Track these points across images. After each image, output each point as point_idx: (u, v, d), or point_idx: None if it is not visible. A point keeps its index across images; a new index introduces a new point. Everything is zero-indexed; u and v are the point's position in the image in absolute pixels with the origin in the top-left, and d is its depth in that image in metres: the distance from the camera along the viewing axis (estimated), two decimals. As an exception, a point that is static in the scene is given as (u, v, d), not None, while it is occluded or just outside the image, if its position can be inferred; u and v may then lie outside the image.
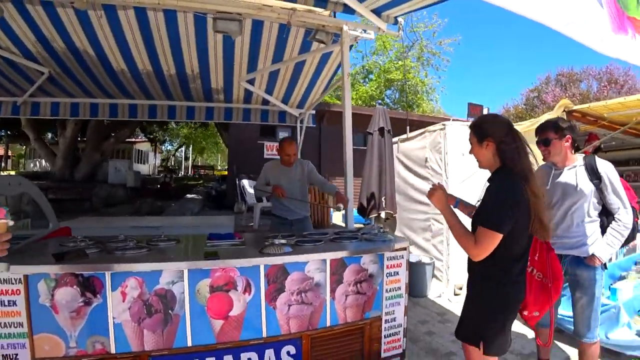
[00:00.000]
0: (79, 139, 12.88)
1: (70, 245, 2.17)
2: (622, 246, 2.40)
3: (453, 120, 7.53)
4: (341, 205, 3.13)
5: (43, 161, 19.66)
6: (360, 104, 15.05)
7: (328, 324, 2.22)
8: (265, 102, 5.44)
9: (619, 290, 2.83)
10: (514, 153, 1.61)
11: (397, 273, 2.49)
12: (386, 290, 2.44)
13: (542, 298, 1.94)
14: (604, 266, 2.26)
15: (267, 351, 2.08)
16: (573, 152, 2.32)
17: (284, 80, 4.68)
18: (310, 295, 2.15)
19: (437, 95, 18.91)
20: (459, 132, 3.96)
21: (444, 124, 4.00)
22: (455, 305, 3.76)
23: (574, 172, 2.24)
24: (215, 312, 1.93)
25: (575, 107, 3.58)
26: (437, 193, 1.84)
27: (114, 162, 14.94)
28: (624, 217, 2.13)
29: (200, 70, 4.27)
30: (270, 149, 11.16)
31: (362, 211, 4.65)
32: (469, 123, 2.26)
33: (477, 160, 1.77)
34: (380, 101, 17.28)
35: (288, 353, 2.13)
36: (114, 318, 1.80)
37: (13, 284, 1.72)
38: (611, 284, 3.02)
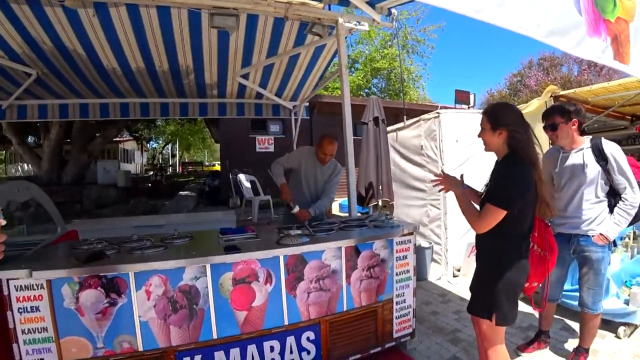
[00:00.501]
0: (64, 141, 12.44)
1: (85, 247, 2.14)
2: (631, 224, 2.40)
3: (441, 107, 7.65)
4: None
5: (26, 165, 19.01)
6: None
7: (345, 308, 2.28)
8: (259, 95, 5.38)
9: (609, 264, 2.97)
10: (525, 143, 1.70)
11: (406, 257, 2.56)
12: (396, 274, 2.51)
13: (540, 269, 2.04)
14: (613, 244, 2.33)
15: (288, 338, 2.12)
16: (580, 134, 2.35)
17: (278, 73, 4.65)
18: (327, 282, 2.19)
19: (424, 83, 19.04)
20: (453, 120, 4.03)
21: (438, 112, 4.06)
22: (455, 287, 3.88)
23: (581, 154, 2.28)
24: (238, 304, 1.96)
25: (561, 92, 3.70)
26: (449, 178, 1.95)
27: (103, 163, 14.54)
28: (631, 196, 2.16)
29: (194, 66, 4.19)
30: (262, 143, 11.07)
31: (361, 200, 4.70)
32: (468, 109, 2.32)
33: (486, 144, 1.84)
34: (367, 90, 17.31)
35: (308, 339, 2.19)
36: (139, 316, 1.81)
37: (35, 289, 1.70)
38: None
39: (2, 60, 3.59)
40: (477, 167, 4.14)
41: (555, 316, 2.79)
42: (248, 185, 7.03)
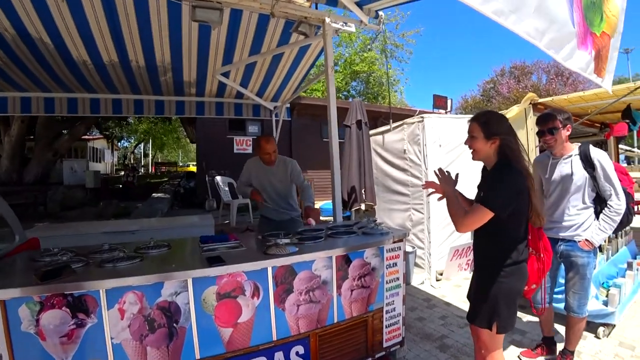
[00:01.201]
0: (27, 137, 11.54)
1: (48, 259, 1.89)
2: (618, 230, 2.48)
3: (420, 111, 7.69)
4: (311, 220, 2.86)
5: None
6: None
7: (335, 320, 2.15)
8: (239, 95, 5.18)
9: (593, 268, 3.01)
10: (518, 152, 1.71)
11: (396, 264, 2.47)
12: (387, 282, 2.41)
13: (537, 271, 2.02)
14: (598, 249, 2.37)
15: (276, 354, 1.96)
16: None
17: (260, 72, 4.47)
18: (317, 294, 2.05)
19: (402, 87, 19.23)
20: (436, 125, 4.01)
21: (422, 117, 4.02)
22: (439, 291, 3.84)
23: (570, 161, 2.29)
24: (223, 320, 1.78)
25: (540, 100, 3.76)
26: (445, 177, 1.97)
27: (70, 162, 13.50)
28: (616, 203, 2.17)
29: (172, 62, 3.94)
30: (240, 144, 10.70)
31: (343, 204, 4.59)
32: (446, 114, 2.29)
33: (475, 152, 1.81)
34: (345, 93, 17.28)
35: (297, 353, 2.03)
36: (112, 338, 1.59)
37: (-16, 311, 1.45)
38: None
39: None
40: (459, 171, 4.16)
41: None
42: (226, 188, 6.74)
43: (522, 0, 1.16)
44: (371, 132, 4.81)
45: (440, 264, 4.05)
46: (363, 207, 4.42)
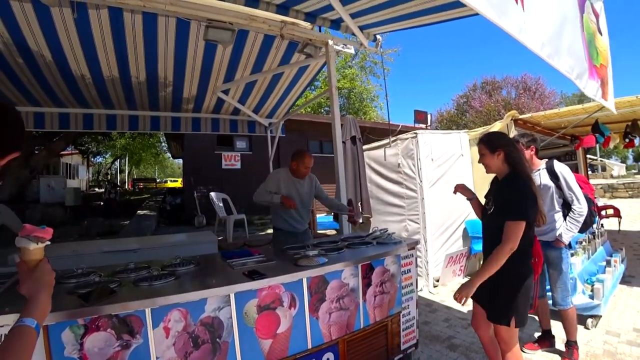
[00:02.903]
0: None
1: (74, 281, 1.80)
2: (583, 230, 2.77)
3: (402, 126, 7.96)
4: (361, 218, 3.11)
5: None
6: (309, 112, 15.05)
7: (362, 325, 2.18)
8: (235, 111, 5.16)
9: (574, 265, 3.23)
10: (520, 160, 1.89)
11: (410, 270, 2.54)
12: (403, 287, 2.47)
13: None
14: (568, 246, 2.62)
15: (309, 363, 1.95)
16: (537, 158, 2.69)
17: (259, 90, 4.50)
18: (347, 301, 2.08)
19: (382, 103, 19.71)
20: (429, 140, 4.19)
21: (415, 133, 4.19)
22: (437, 296, 3.94)
23: (538, 174, 2.60)
24: (263, 332, 1.76)
25: (521, 117, 4.05)
26: (460, 187, 2.17)
27: (47, 179, 12.63)
28: (577, 207, 2.50)
29: (174, 78, 3.89)
30: (229, 159, 10.51)
31: (336, 217, 4.64)
32: (426, 129, 2.51)
33: (487, 167, 1.99)
34: (327, 108, 17.51)
35: (327, 360, 2.04)
36: (157, 358, 1.53)
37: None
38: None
39: None
40: (449, 183, 4.35)
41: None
42: (220, 204, 6.60)
43: (560, 45, 1.31)
44: (364, 147, 4.93)
45: (437, 271, 4.17)
46: (361, 219, 4.48)
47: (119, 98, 4.30)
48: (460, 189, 2.21)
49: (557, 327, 2.78)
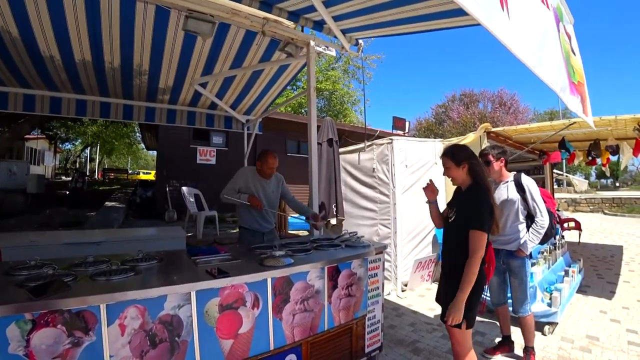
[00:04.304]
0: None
1: (25, 273, 1.72)
2: (544, 242, 2.93)
3: (380, 132, 8.06)
4: (320, 224, 3.17)
5: None
6: (289, 111, 14.96)
7: (326, 327, 2.19)
8: (213, 106, 5.08)
9: (534, 274, 3.39)
10: (483, 173, 2.03)
11: (377, 274, 2.58)
12: (369, 291, 2.51)
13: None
14: (530, 256, 2.77)
15: (271, 364, 1.95)
16: (506, 170, 2.81)
17: (238, 86, 4.46)
18: (311, 303, 2.09)
19: (362, 107, 19.91)
20: (403, 147, 4.28)
21: (390, 139, 4.27)
22: (405, 301, 4.02)
23: (507, 186, 2.73)
24: (224, 332, 1.74)
25: (493, 129, 4.21)
26: (432, 187, 2.27)
27: (8, 164, 11.83)
28: (540, 219, 2.63)
29: (150, 67, 3.78)
30: (204, 154, 10.27)
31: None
32: (404, 135, 2.59)
33: (453, 179, 2.12)
34: (307, 108, 17.43)
35: (289, 362, 2.04)
36: (111, 356, 1.48)
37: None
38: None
39: None
40: (422, 190, 4.45)
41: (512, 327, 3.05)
42: (192, 199, 6.45)
43: (543, 57, 1.38)
44: (341, 150, 4.97)
45: (405, 275, 4.26)
46: (334, 221, 4.52)
47: (90, 83, 4.13)
48: (430, 189, 2.29)
49: (516, 333, 2.91)
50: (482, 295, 2.62)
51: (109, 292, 1.49)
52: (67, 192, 12.37)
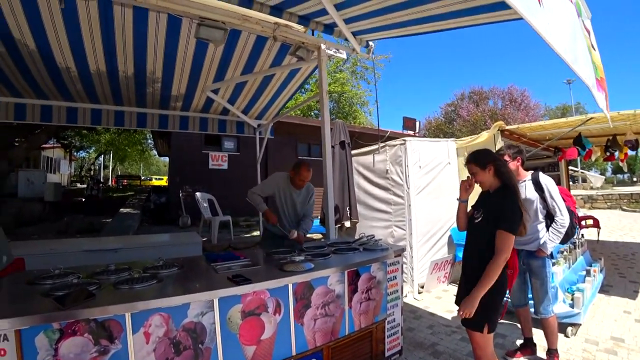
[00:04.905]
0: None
1: (50, 282, 1.74)
2: (564, 241, 2.85)
3: (391, 132, 8.01)
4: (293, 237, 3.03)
5: None
6: (299, 114, 14.98)
7: (347, 332, 2.17)
8: (225, 111, 5.10)
9: (555, 274, 3.30)
10: (509, 174, 2.00)
11: (395, 277, 2.55)
12: (388, 294, 2.48)
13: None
14: (550, 256, 2.69)
15: (293, 369, 1.93)
16: (523, 169, 2.74)
17: (250, 91, 4.46)
18: (332, 307, 2.07)
19: (371, 109, 19.75)
20: (417, 147, 4.23)
21: (404, 140, 4.22)
22: (422, 303, 3.96)
23: (524, 185, 2.65)
24: (247, 338, 1.73)
25: (507, 127, 4.13)
26: (469, 182, 2.15)
27: (26, 173, 12.11)
28: (560, 218, 2.56)
29: (163, 75, 3.81)
30: (216, 159, 10.35)
31: (322, 221, 4.62)
32: (415, 136, 2.53)
33: (481, 183, 2.08)
34: (317, 111, 17.51)
35: (311, 367, 2.02)
36: (136, 364, 1.49)
37: (-5, 343, 1.29)
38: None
39: None
40: (436, 191, 4.41)
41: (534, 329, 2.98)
42: (205, 204, 6.49)
43: (576, 52, 1.35)
44: (352, 152, 4.94)
45: (422, 277, 4.20)
46: (348, 224, 4.49)
47: (105, 92, 4.19)
48: (465, 185, 2.18)
49: (538, 335, 2.83)
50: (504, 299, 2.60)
51: (134, 301, 1.49)
52: (83, 200, 12.61)
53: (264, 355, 1.79)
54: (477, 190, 2.15)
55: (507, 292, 2.66)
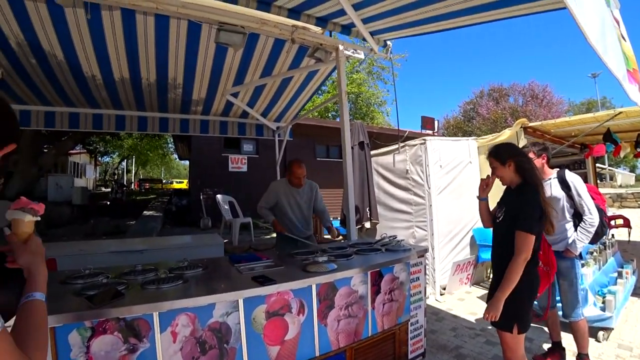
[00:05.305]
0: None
1: (81, 282, 1.78)
2: (594, 241, 2.73)
3: (409, 132, 7.90)
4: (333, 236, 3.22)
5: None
6: (316, 116, 14.99)
7: (370, 333, 2.14)
8: (244, 114, 5.16)
9: (585, 276, 3.16)
10: (532, 171, 1.92)
11: (418, 278, 2.50)
12: (411, 295, 2.43)
13: (543, 282, 2.23)
14: (579, 256, 2.58)
15: (316, 370, 1.91)
16: (549, 167, 2.64)
17: (268, 94, 4.49)
18: (355, 308, 2.04)
19: (389, 109, 19.53)
20: (437, 147, 4.15)
21: (424, 139, 4.15)
22: (444, 305, 3.87)
23: (549, 184, 2.55)
24: (271, 338, 1.73)
25: (530, 124, 3.99)
26: (487, 181, 2.11)
27: (55, 178, 12.69)
28: (589, 217, 2.45)
29: (183, 80, 3.89)
30: (235, 162, 10.48)
31: (342, 222, 4.59)
32: (433, 135, 2.47)
33: (501, 179, 2.02)
34: (334, 112, 17.49)
35: (334, 368, 1.99)
36: (164, 362, 1.50)
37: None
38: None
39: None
40: (458, 190, 4.30)
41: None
42: (226, 206, 6.58)
43: (606, 43, 1.29)
44: (372, 152, 4.89)
45: (444, 278, 4.10)
46: (368, 225, 4.44)
47: (128, 99, 4.31)
48: (483, 184, 2.13)
49: (567, 339, 2.71)
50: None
51: (162, 301, 1.51)
52: (108, 203, 13.04)
53: (288, 355, 1.78)
54: (501, 187, 2.09)
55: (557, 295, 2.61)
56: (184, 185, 25.19)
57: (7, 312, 0.77)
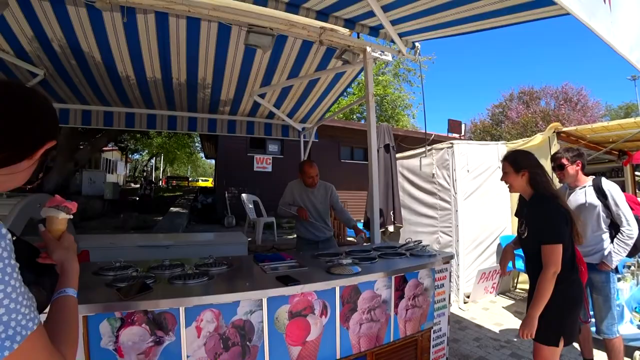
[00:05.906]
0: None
1: (112, 274, 1.84)
2: (632, 254, 2.55)
3: (435, 135, 7.73)
4: (361, 237, 3.20)
5: None
6: (341, 117, 14.94)
7: (392, 339, 2.08)
8: (270, 115, 5.20)
9: (621, 291, 2.95)
10: (546, 184, 1.85)
11: (443, 285, 2.42)
12: (435, 302, 2.35)
13: None
14: (615, 270, 2.42)
15: (336, 374, 1.88)
16: (583, 174, 2.50)
17: (295, 95, 4.51)
18: (378, 312, 2.00)
19: (415, 111, 19.19)
20: (464, 150, 4.02)
21: (451, 143, 4.04)
22: (468, 313, 3.74)
23: (584, 192, 2.43)
24: (293, 338, 1.71)
25: (564, 129, 3.79)
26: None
27: (89, 173, 13.38)
28: (627, 229, 2.30)
29: (213, 81, 3.97)
30: (260, 162, 10.61)
31: (365, 225, 4.53)
32: (460, 139, 2.38)
33: (510, 186, 1.96)
34: (359, 115, 17.38)
35: (354, 373, 1.95)
36: (188, 356, 1.52)
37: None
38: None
39: (7, 57, 3.20)
40: (485, 196, 4.15)
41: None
42: (251, 205, 6.65)
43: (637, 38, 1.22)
44: (398, 155, 4.81)
45: (468, 286, 3.96)
46: (391, 228, 4.36)
47: (159, 99, 4.45)
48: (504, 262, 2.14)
49: (599, 357, 2.55)
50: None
51: (188, 296, 1.53)
52: (137, 198, 13.56)
53: (309, 356, 1.76)
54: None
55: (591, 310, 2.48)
56: (209, 183, 25.82)
57: (40, 307, 0.79)
